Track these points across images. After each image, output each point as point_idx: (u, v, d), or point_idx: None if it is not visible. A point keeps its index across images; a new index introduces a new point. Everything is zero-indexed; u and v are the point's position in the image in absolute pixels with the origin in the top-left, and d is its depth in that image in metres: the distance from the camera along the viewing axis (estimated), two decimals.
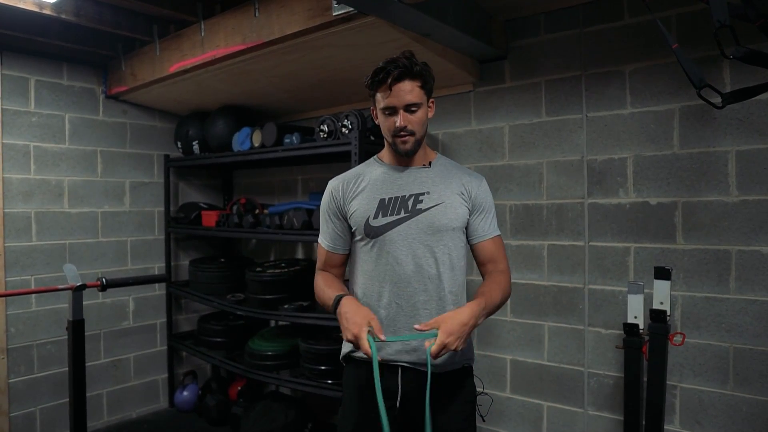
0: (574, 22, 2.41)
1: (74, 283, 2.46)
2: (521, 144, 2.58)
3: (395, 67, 1.46)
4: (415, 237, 1.52)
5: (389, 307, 1.53)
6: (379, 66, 1.49)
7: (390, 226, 1.53)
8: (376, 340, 1.34)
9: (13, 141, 3.00)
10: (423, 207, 1.53)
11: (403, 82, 1.47)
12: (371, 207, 1.56)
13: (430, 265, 1.52)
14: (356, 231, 1.59)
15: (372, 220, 1.55)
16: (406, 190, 1.56)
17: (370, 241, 1.55)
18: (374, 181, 1.60)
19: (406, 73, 1.46)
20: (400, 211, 1.54)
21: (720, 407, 2.09)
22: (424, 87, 1.51)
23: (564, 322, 2.48)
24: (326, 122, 2.72)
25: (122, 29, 2.74)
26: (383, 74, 1.47)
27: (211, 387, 3.54)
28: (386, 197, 1.56)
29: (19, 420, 3.00)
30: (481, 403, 1.68)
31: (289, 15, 2.19)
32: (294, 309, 2.88)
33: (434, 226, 1.52)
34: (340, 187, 1.63)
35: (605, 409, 2.37)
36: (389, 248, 1.53)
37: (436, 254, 1.52)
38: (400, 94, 1.47)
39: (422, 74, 1.49)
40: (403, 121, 1.49)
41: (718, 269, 2.09)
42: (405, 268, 1.52)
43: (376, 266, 1.54)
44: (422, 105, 1.52)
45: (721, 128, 2.08)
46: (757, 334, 2.01)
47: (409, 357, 1.52)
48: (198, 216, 3.55)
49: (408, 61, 1.47)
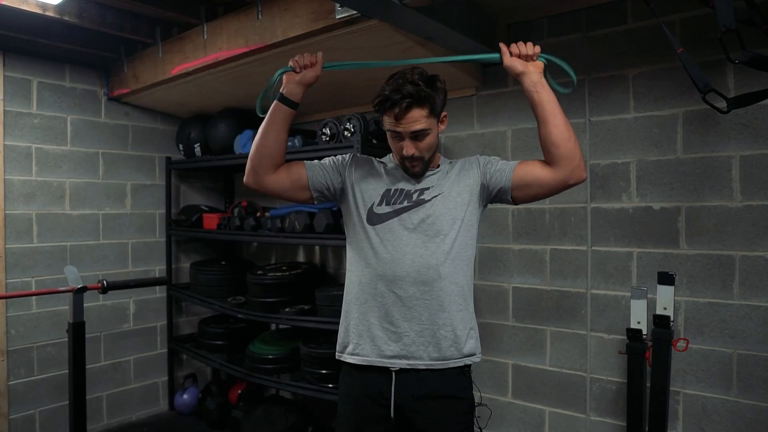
0: (578, 26, 2.40)
1: (75, 286, 2.45)
2: (524, 148, 2.57)
3: (401, 97, 1.40)
4: (416, 226, 1.50)
5: (386, 297, 1.50)
6: (385, 94, 1.43)
7: (392, 215, 1.52)
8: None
9: (14, 142, 3.00)
10: (426, 198, 1.53)
11: (411, 111, 1.42)
12: (377, 194, 1.55)
13: (429, 255, 1.49)
14: (357, 216, 1.56)
15: (376, 207, 1.54)
16: (413, 186, 1.56)
17: (372, 228, 1.53)
18: (386, 172, 1.60)
19: (414, 102, 1.41)
20: (403, 202, 1.53)
21: (723, 414, 2.07)
22: (433, 111, 1.46)
23: (566, 327, 2.46)
24: (329, 125, 2.72)
25: (125, 31, 2.74)
26: (389, 104, 1.43)
27: (212, 390, 3.52)
28: (393, 188, 1.56)
29: (19, 422, 2.98)
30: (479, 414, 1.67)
31: (292, 18, 2.19)
32: (295, 312, 2.87)
33: (434, 216, 1.50)
34: (361, 161, 1.63)
35: (608, 414, 2.35)
36: (389, 236, 1.51)
37: (437, 244, 1.50)
38: (407, 123, 1.44)
39: (430, 99, 1.43)
40: (409, 150, 1.47)
41: (722, 275, 2.08)
42: (405, 257, 1.49)
43: (375, 255, 1.52)
44: (430, 130, 1.47)
45: (724, 133, 2.07)
46: (761, 340, 2.00)
47: (406, 362, 1.49)
48: (199, 218, 3.54)
49: (415, 88, 1.40)
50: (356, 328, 1.55)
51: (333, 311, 2.69)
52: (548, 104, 1.46)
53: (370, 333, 1.52)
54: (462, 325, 1.53)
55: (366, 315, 1.53)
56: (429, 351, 1.49)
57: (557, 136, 1.45)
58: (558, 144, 1.44)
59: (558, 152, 1.45)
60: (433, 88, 1.45)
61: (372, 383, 1.52)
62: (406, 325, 1.49)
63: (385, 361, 1.50)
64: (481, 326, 2.70)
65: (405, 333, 1.49)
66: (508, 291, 2.64)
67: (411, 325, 1.49)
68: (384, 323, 1.51)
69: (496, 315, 2.67)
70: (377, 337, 1.51)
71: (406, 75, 1.44)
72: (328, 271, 3.47)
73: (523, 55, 1.47)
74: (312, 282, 3.12)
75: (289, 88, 1.52)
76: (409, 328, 1.49)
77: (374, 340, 1.51)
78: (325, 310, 2.76)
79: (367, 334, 1.52)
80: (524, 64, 1.47)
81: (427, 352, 1.49)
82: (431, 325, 1.49)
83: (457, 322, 1.52)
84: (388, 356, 1.50)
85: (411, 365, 1.49)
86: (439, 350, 1.49)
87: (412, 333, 1.49)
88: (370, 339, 1.52)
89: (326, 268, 3.48)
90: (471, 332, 1.55)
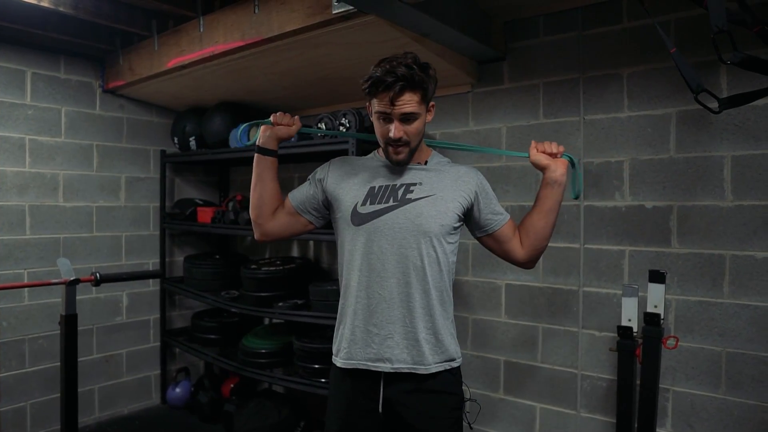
0: (574, 25, 2.41)
1: (68, 278, 2.45)
2: (519, 145, 2.58)
3: (395, 79, 1.38)
4: (402, 226, 1.48)
5: (371, 297, 1.50)
6: (376, 75, 1.41)
7: (377, 214, 1.50)
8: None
9: (8, 134, 2.98)
10: (413, 197, 1.50)
11: (404, 94, 1.41)
12: (361, 193, 1.53)
13: (415, 257, 1.48)
14: (343, 218, 1.55)
15: (360, 207, 1.52)
16: (398, 180, 1.54)
17: (357, 228, 1.51)
18: (369, 169, 1.58)
19: (407, 85, 1.40)
20: (388, 200, 1.51)
21: (712, 411, 2.10)
22: (424, 97, 1.45)
23: (558, 323, 2.48)
24: (324, 120, 2.72)
25: (120, 23, 2.72)
26: (383, 87, 1.40)
27: (204, 384, 3.53)
28: (376, 185, 1.54)
29: (9, 415, 2.98)
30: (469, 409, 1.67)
31: (289, 12, 2.19)
32: (289, 307, 2.87)
33: (422, 217, 1.48)
34: (339, 163, 1.63)
35: (598, 411, 2.37)
36: (374, 237, 1.49)
37: (422, 246, 1.48)
38: (398, 105, 1.42)
39: (423, 84, 1.43)
40: (397, 132, 1.44)
41: (712, 273, 2.10)
42: (389, 258, 1.48)
43: (362, 255, 1.51)
44: (420, 115, 1.46)
45: (717, 133, 2.09)
46: (750, 339, 2.02)
47: (390, 365, 1.49)
48: (193, 212, 3.54)
49: (409, 71, 1.39)
50: (345, 331, 1.55)
51: (326, 306, 2.70)
52: (554, 202, 1.56)
53: (355, 336, 1.52)
54: (444, 330, 1.53)
55: (354, 318, 1.53)
56: (413, 354, 1.48)
57: (544, 230, 1.57)
58: (541, 237, 1.57)
59: (536, 244, 1.58)
60: (426, 74, 1.44)
61: (361, 382, 1.53)
62: (390, 327, 1.48)
63: (370, 365, 1.50)
64: (473, 322, 2.73)
65: (389, 335, 1.48)
66: (501, 287, 2.65)
67: (395, 327, 1.48)
68: (369, 326, 1.50)
69: (489, 311, 2.68)
70: (362, 340, 1.51)
71: (398, 58, 1.42)
72: (321, 266, 3.47)
73: (548, 153, 1.57)
74: (306, 277, 3.13)
75: (264, 139, 1.58)
76: (393, 330, 1.48)
77: (360, 344, 1.51)
78: (319, 304, 2.77)
79: (353, 338, 1.52)
80: (549, 159, 1.57)
81: (411, 356, 1.48)
82: (413, 328, 1.48)
83: (440, 326, 1.52)
84: (374, 360, 1.50)
85: (395, 369, 1.49)
86: (421, 354, 1.48)
87: (396, 335, 1.48)
88: (356, 342, 1.51)
89: (320, 263, 3.49)
90: (451, 338, 1.56)
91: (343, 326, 1.57)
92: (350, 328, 1.53)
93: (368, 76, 1.44)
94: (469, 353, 2.71)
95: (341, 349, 1.56)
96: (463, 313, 2.73)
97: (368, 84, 1.44)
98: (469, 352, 2.72)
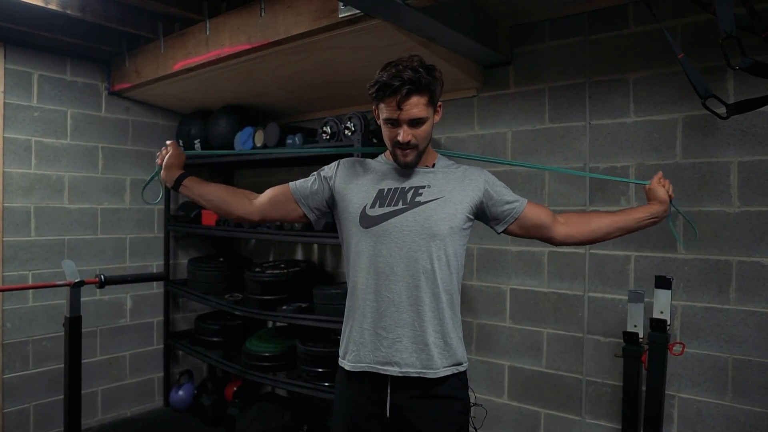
0: (580, 30, 2.41)
1: (72, 280, 2.45)
2: (524, 150, 2.57)
3: (402, 83, 1.38)
4: (411, 229, 1.47)
5: (380, 300, 1.49)
6: (383, 80, 1.40)
7: (386, 217, 1.49)
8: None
9: (14, 135, 3.00)
10: (422, 200, 1.50)
11: (411, 98, 1.40)
12: (369, 196, 1.53)
13: (425, 260, 1.47)
14: (350, 219, 1.54)
15: (369, 209, 1.51)
16: (406, 183, 1.53)
17: (366, 231, 1.50)
18: (378, 172, 1.58)
19: (414, 89, 1.39)
20: (398, 203, 1.50)
21: (718, 418, 2.08)
22: (432, 100, 1.45)
23: (563, 329, 2.47)
24: (329, 124, 2.72)
25: (127, 26, 2.74)
26: (390, 91, 1.40)
27: (207, 387, 3.52)
28: (386, 188, 1.53)
29: (13, 416, 2.98)
30: (475, 414, 1.66)
31: (295, 16, 2.19)
32: (292, 310, 2.87)
33: (432, 220, 1.48)
34: (348, 164, 1.62)
35: (603, 417, 2.36)
36: (383, 240, 1.48)
37: (432, 249, 1.47)
38: (405, 108, 1.41)
39: (430, 87, 1.42)
40: (405, 135, 1.43)
41: (719, 279, 2.09)
42: (398, 261, 1.47)
43: (369, 257, 1.50)
44: (428, 118, 1.45)
45: (723, 139, 2.08)
46: (757, 346, 2.01)
47: (398, 369, 1.47)
48: (198, 214, 3.55)
49: (415, 74, 1.38)
50: (352, 334, 1.54)
51: (330, 309, 2.69)
52: (634, 227, 1.67)
53: (364, 339, 1.51)
54: (453, 333, 1.52)
55: (362, 320, 1.52)
56: (422, 359, 1.47)
57: (598, 236, 1.65)
58: (590, 238, 1.66)
59: (581, 238, 1.66)
60: (432, 76, 1.44)
61: (368, 384, 1.52)
62: (399, 330, 1.47)
63: (378, 368, 1.49)
64: (478, 327, 2.72)
65: (398, 339, 1.48)
66: (506, 292, 2.64)
67: (404, 330, 1.47)
68: (377, 329, 1.49)
69: (494, 316, 2.67)
70: (371, 343, 1.49)
71: (404, 61, 1.42)
72: (326, 269, 3.47)
73: (669, 193, 1.70)
74: (310, 280, 3.12)
75: (168, 176, 1.64)
76: (402, 334, 1.47)
77: (368, 346, 1.50)
78: (323, 308, 2.76)
79: (362, 341, 1.51)
80: (666, 196, 1.69)
81: (420, 360, 1.47)
82: (422, 332, 1.48)
83: (449, 329, 1.51)
84: (382, 363, 1.49)
85: (403, 373, 1.47)
86: (430, 358, 1.47)
87: (405, 339, 1.47)
88: (364, 345, 1.50)
89: (324, 266, 3.49)
90: (459, 341, 1.55)
91: (350, 328, 1.56)
92: (359, 330, 1.52)
93: (375, 80, 1.44)
94: (473, 358, 2.70)
95: (349, 351, 1.55)
96: (468, 317, 2.72)
97: (375, 89, 1.44)
98: (474, 356, 2.70)
